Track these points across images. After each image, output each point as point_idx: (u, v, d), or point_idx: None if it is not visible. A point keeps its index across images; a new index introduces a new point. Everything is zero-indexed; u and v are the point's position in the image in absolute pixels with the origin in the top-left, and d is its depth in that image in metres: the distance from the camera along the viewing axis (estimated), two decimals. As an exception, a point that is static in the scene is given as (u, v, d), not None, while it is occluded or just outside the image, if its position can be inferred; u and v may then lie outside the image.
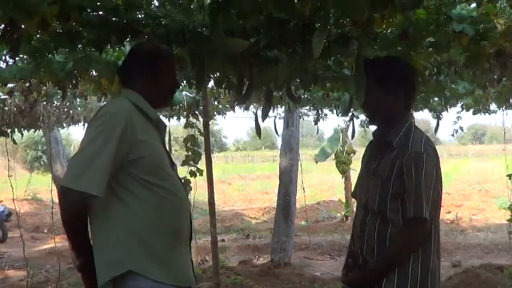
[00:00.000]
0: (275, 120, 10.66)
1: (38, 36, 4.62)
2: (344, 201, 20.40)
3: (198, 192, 9.11)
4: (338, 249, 14.91)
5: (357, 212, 4.23)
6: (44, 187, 21.42)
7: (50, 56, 5.51)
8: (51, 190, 12.34)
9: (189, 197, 9.44)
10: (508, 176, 10.42)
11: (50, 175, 14.32)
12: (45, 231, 20.20)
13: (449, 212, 21.41)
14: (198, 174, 9.16)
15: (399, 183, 3.78)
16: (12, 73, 6.43)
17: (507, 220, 10.58)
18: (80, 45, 5.05)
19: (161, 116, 4.46)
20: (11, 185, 10.84)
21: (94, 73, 6.49)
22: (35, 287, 10.79)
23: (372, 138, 4.31)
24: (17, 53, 4.53)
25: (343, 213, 20.39)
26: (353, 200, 19.41)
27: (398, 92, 3.99)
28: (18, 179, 10.89)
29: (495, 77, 6.67)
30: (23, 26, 4.06)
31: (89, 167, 3.44)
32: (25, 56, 5.78)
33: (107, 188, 3.53)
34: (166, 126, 4.06)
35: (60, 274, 10.68)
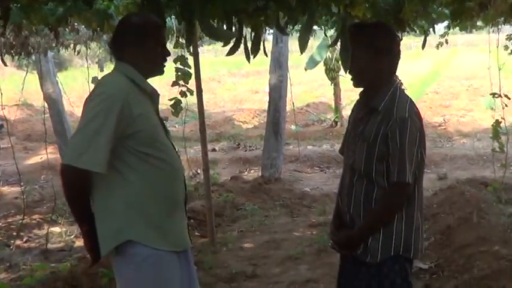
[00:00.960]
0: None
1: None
2: (333, 106, 20.46)
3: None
4: (327, 162, 15.15)
5: (344, 171, 4.35)
6: (34, 89, 21.34)
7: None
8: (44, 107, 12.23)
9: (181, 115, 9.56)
10: (491, 94, 10.42)
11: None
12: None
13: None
14: (188, 94, 9.15)
15: (384, 147, 3.88)
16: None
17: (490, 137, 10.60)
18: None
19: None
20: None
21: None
22: (30, 205, 10.83)
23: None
24: (6, 21, 4.54)
25: (333, 118, 20.47)
26: (342, 104, 19.62)
27: (384, 57, 4.01)
28: (7, 79, 10.64)
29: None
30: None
31: (91, 145, 3.55)
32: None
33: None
34: (159, 95, 4.12)
35: (55, 192, 10.63)
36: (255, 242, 8.91)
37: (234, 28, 5.11)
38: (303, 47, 4.03)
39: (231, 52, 5.32)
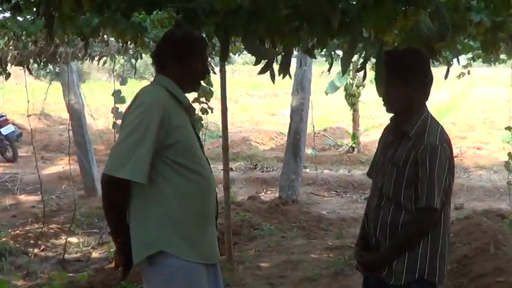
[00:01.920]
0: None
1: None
2: (351, 132, 20.50)
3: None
4: (344, 186, 15.16)
5: (371, 194, 4.40)
6: (50, 99, 21.49)
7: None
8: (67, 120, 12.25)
9: (201, 133, 9.63)
10: (506, 128, 10.48)
11: (58, 85, 14.28)
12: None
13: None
14: (209, 111, 9.22)
15: (413, 173, 3.95)
16: (38, 27, 6.50)
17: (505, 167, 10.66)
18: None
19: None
20: (27, 99, 10.81)
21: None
22: (48, 215, 10.87)
23: (388, 120, 4.43)
24: (51, 30, 4.61)
25: (349, 143, 20.52)
26: (360, 130, 19.64)
27: (417, 83, 4.09)
28: (24, 89, 10.64)
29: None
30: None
31: (132, 155, 3.65)
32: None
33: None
34: (195, 109, 4.21)
35: (75, 203, 10.70)
36: (272, 262, 8.93)
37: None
38: (345, 69, 4.11)
39: (263, 71, 5.37)
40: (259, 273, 8.43)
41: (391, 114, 4.32)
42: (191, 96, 8.73)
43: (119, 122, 9.26)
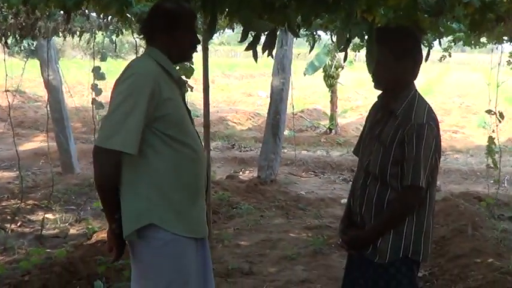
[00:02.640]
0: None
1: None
2: (329, 113, 20.54)
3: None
4: (322, 167, 15.17)
5: (358, 171, 4.40)
6: (26, 76, 21.20)
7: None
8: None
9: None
10: (487, 111, 10.55)
11: (34, 61, 14.15)
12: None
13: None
14: (189, 89, 9.15)
15: (400, 151, 3.96)
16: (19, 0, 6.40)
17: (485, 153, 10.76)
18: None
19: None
20: (6, 74, 11.25)
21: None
22: (25, 191, 10.79)
23: (376, 99, 4.44)
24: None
25: (326, 125, 20.57)
26: (337, 112, 19.67)
27: (407, 61, 4.08)
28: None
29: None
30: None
31: (123, 127, 3.62)
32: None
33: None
34: (185, 82, 4.19)
35: (53, 179, 10.68)
36: (251, 240, 8.96)
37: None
38: (341, 43, 4.09)
39: (250, 48, 5.35)
40: (239, 252, 8.45)
41: (369, 98, 4.32)
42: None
43: (98, 98, 9.22)
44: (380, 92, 4.29)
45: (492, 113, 10.23)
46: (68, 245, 8.36)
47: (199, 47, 8.26)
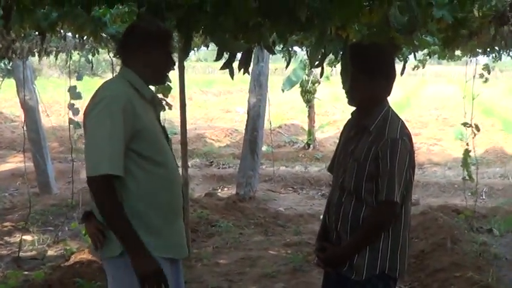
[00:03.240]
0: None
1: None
2: (306, 128, 20.57)
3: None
4: (301, 183, 15.19)
5: (333, 188, 4.43)
6: (2, 96, 20.86)
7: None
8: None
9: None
10: (463, 124, 10.63)
11: (11, 81, 14.09)
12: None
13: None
14: (167, 107, 9.14)
15: (374, 167, 3.97)
16: (-1, 21, 6.37)
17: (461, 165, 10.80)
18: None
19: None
20: None
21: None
22: (1, 213, 10.77)
23: (349, 116, 4.45)
24: (8, 22, 4.53)
25: (304, 140, 20.59)
26: (315, 127, 19.69)
27: (381, 78, 4.12)
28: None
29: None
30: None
31: (106, 151, 3.58)
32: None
33: None
34: (160, 101, 4.15)
35: (30, 200, 10.60)
36: (230, 259, 8.92)
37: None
38: (313, 61, 4.13)
39: (225, 66, 5.35)
40: (218, 270, 8.40)
41: (346, 112, 4.35)
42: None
43: (75, 118, 9.19)
44: (353, 108, 4.32)
45: (468, 125, 10.30)
46: (46, 267, 8.29)
47: (176, 65, 8.31)
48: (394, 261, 4.10)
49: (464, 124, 10.47)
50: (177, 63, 8.15)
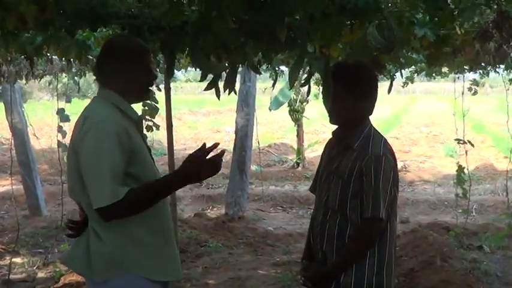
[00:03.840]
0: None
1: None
2: (296, 148, 20.58)
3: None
4: (290, 202, 15.20)
5: (316, 207, 4.43)
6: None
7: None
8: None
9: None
10: (456, 140, 10.66)
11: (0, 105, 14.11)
12: None
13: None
14: (154, 128, 9.15)
15: (359, 183, 4.01)
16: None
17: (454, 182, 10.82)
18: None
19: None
20: None
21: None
22: (-9, 236, 10.76)
23: (331, 135, 4.53)
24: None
25: (294, 159, 20.61)
26: (304, 146, 19.71)
27: (364, 98, 4.18)
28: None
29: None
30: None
31: (107, 179, 3.48)
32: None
33: None
34: (142, 120, 4.10)
35: (18, 223, 10.62)
36: (220, 279, 8.91)
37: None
38: (293, 82, 4.15)
39: (210, 87, 5.36)
40: (207, 291, 8.38)
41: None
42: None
43: (63, 140, 9.21)
44: (334, 128, 4.40)
45: (461, 142, 10.33)
46: (36, 290, 8.29)
47: (162, 86, 8.35)
48: (381, 278, 4.12)
49: (458, 140, 10.50)
50: (163, 84, 8.30)
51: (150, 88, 4.08)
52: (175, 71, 10.55)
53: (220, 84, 5.36)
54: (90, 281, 3.81)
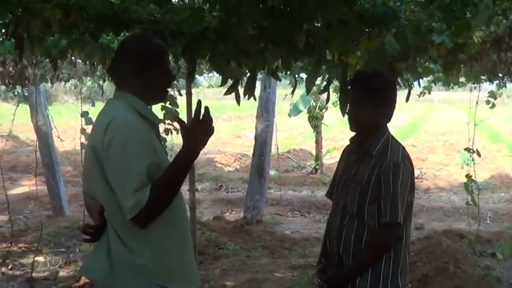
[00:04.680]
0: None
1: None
2: (314, 154, 20.56)
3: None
4: (308, 206, 15.18)
5: (333, 213, 4.43)
6: (19, 120, 20.93)
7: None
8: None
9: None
10: (465, 149, 10.65)
11: (26, 107, 14.12)
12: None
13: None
14: (175, 132, 9.16)
15: (377, 189, 4.01)
16: (6, 48, 6.41)
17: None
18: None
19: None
20: None
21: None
22: (15, 234, 10.78)
23: (348, 142, 4.52)
24: (22, 50, 4.56)
25: (313, 165, 20.62)
26: (322, 152, 19.68)
27: (384, 105, 4.17)
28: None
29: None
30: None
31: (131, 189, 3.36)
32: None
33: None
34: (159, 123, 3.96)
35: (41, 222, 10.66)
36: (237, 281, 8.90)
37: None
38: (310, 88, 4.17)
39: (230, 92, 5.38)
40: (225, 293, 8.38)
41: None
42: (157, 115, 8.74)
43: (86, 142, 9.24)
44: (352, 134, 4.38)
45: (471, 151, 10.33)
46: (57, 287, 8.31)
47: (183, 91, 8.36)
48: (395, 281, 4.13)
49: (467, 150, 10.49)
50: (184, 90, 8.33)
51: (168, 90, 3.89)
52: (197, 76, 10.57)
53: (241, 90, 5.38)
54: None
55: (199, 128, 3.51)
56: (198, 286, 3.97)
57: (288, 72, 8.91)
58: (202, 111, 3.50)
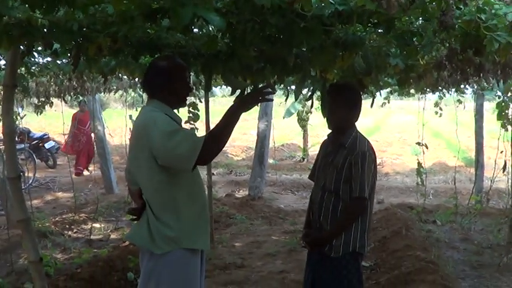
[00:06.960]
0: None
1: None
2: (302, 147, 20.60)
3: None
4: (297, 186, 15.13)
5: (315, 190, 4.48)
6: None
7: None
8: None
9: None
10: (417, 143, 10.69)
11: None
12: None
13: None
14: (196, 131, 9.16)
15: (349, 172, 4.09)
16: (70, 68, 6.41)
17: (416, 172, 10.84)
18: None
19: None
20: (63, 122, 11.57)
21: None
22: (78, 207, 10.82)
23: (326, 137, 4.55)
24: (76, 68, 4.55)
25: (301, 155, 20.65)
26: (308, 146, 19.62)
27: (352, 109, 4.23)
28: (61, 115, 10.93)
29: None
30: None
31: (191, 146, 3.39)
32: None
33: (161, 172, 3.50)
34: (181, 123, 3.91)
35: (98, 198, 11.11)
36: (243, 242, 8.98)
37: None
38: (297, 96, 4.18)
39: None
40: (234, 250, 8.48)
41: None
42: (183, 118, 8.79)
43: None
44: (329, 131, 4.45)
45: (420, 144, 10.40)
46: (109, 247, 8.32)
47: (202, 99, 8.34)
48: (362, 242, 4.19)
49: (418, 144, 10.56)
50: (203, 98, 8.32)
51: (187, 97, 3.92)
52: (213, 87, 10.56)
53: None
54: (150, 253, 3.62)
55: (256, 92, 3.83)
56: (209, 249, 4.00)
57: (282, 85, 8.92)
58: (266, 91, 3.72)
